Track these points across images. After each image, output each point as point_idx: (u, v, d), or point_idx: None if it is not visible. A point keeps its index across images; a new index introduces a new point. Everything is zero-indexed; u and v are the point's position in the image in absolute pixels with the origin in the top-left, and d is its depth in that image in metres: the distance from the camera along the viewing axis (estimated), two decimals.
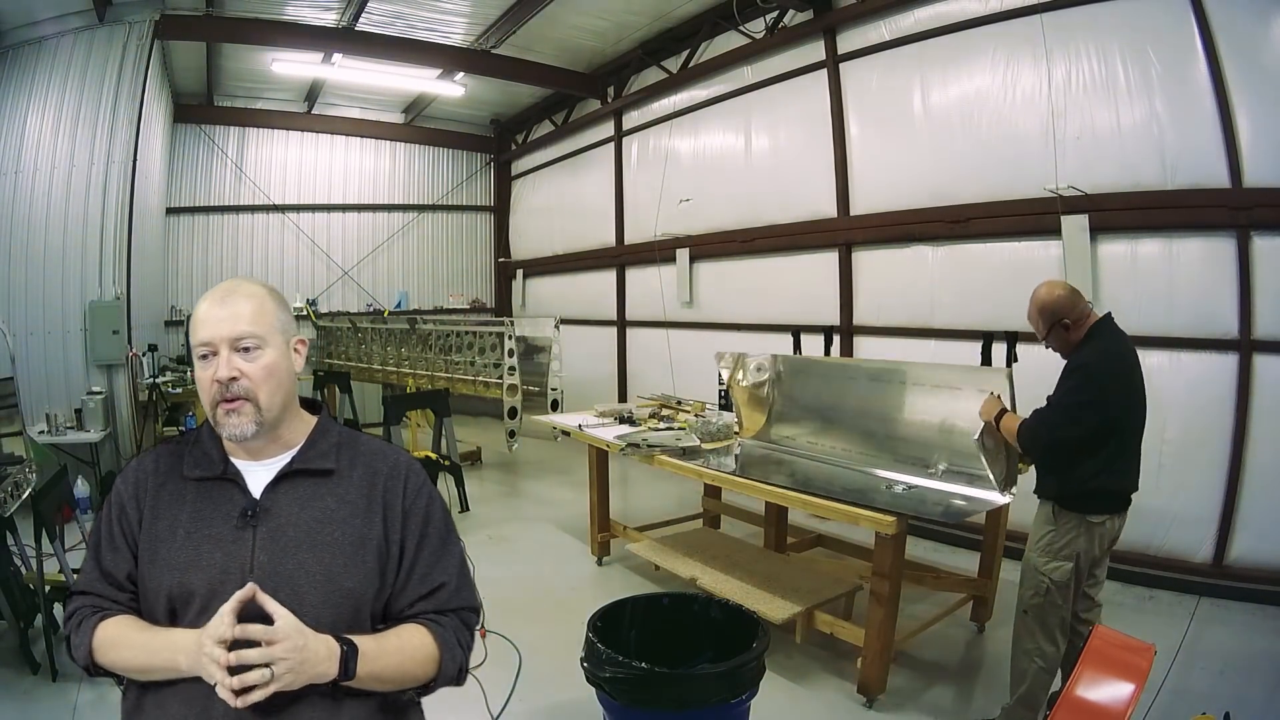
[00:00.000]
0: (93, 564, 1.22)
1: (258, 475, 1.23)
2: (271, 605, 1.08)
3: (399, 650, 1.20)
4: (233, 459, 1.24)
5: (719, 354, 4.51)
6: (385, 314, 9.59)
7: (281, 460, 1.25)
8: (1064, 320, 2.65)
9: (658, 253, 7.41)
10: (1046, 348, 2.77)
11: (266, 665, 1.04)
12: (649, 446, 3.91)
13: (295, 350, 1.28)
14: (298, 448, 1.27)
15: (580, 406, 5.49)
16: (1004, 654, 3.33)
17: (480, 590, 1.40)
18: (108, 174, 5.70)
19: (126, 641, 1.14)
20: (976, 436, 3.03)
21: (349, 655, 1.12)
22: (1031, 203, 4.42)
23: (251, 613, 1.08)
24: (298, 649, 1.07)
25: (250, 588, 1.08)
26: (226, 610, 1.06)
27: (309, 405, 1.34)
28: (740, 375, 4.26)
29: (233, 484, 1.22)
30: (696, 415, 4.76)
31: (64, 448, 5.27)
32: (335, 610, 1.17)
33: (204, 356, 1.20)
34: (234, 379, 1.18)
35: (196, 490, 1.21)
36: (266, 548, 1.17)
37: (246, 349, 1.20)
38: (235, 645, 1.05)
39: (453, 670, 1.28)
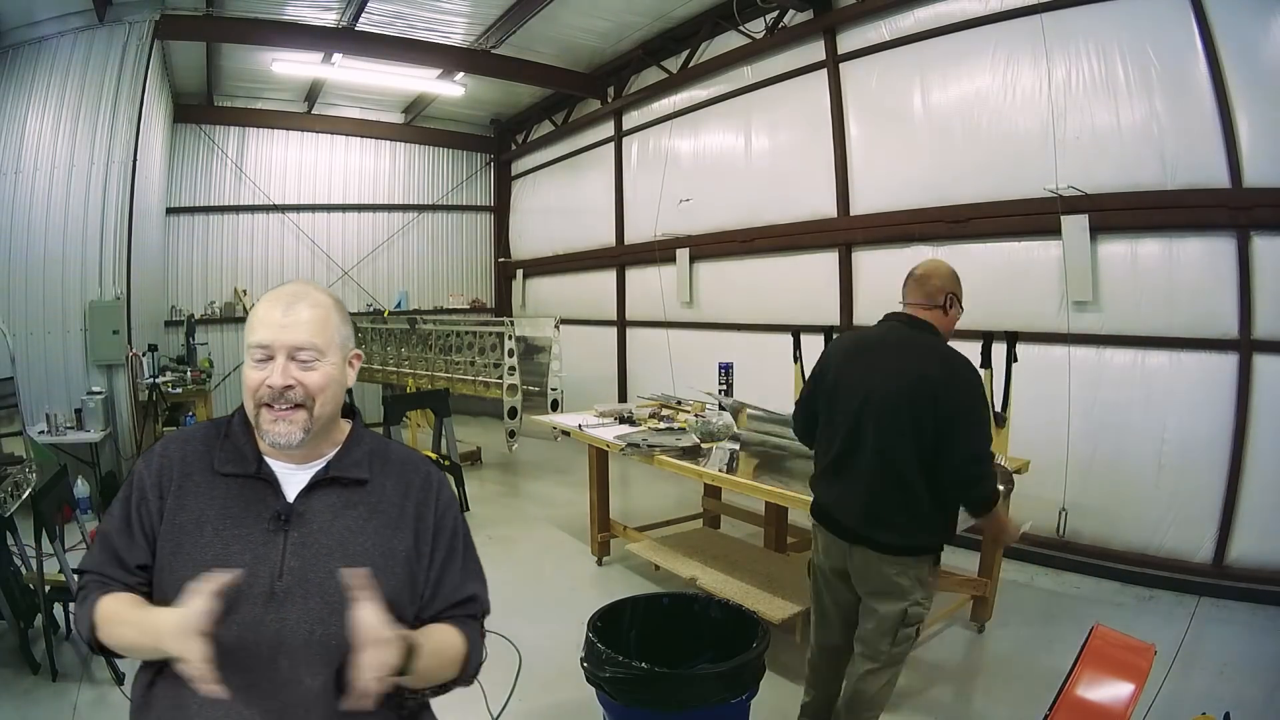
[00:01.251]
0: (103, 545, 1.20)
1: (292, 478, 1.22)
2: (362, 601, 1.07)
3: (438, 651, 1.21)
4: (267, 458, 1.23)
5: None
6: (385, 314, 9.59)
7: (316, 465, 1.24)
8: (956, 295, 2.36)
9: (658, 253, 7.41)
10: (929, 319, 2.34)
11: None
12: (649, 446, 3.91)
13: (350, 364, 1.28)
14: (332, 454, 1.26)
15: (580, 406, 5.49)
16: (1004, 654, 3.36)
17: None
18: (108, 174, 5.69)
19: (119, 618, 1.13)
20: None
21: (410, 655, 1.12)
22: (1031, 203, 4.42)
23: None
24: (392, 658, 1.06)
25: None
26: (201, 598, 1.02)
27: (342, 410, 1.34)
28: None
29: (266, 485, 1.20)
30: (696, 415, 4.75)
31: (64, 448, 5.26)
32: None
33: (260, 359, 1.18)
34: (289, 387, 1.16)
35: (227, 487, 1.20)
36: (297, 553, 1.16)
37: (305, 360, 1.18)
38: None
39: (473, 670, 1.31)
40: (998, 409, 3.16)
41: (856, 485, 2.23)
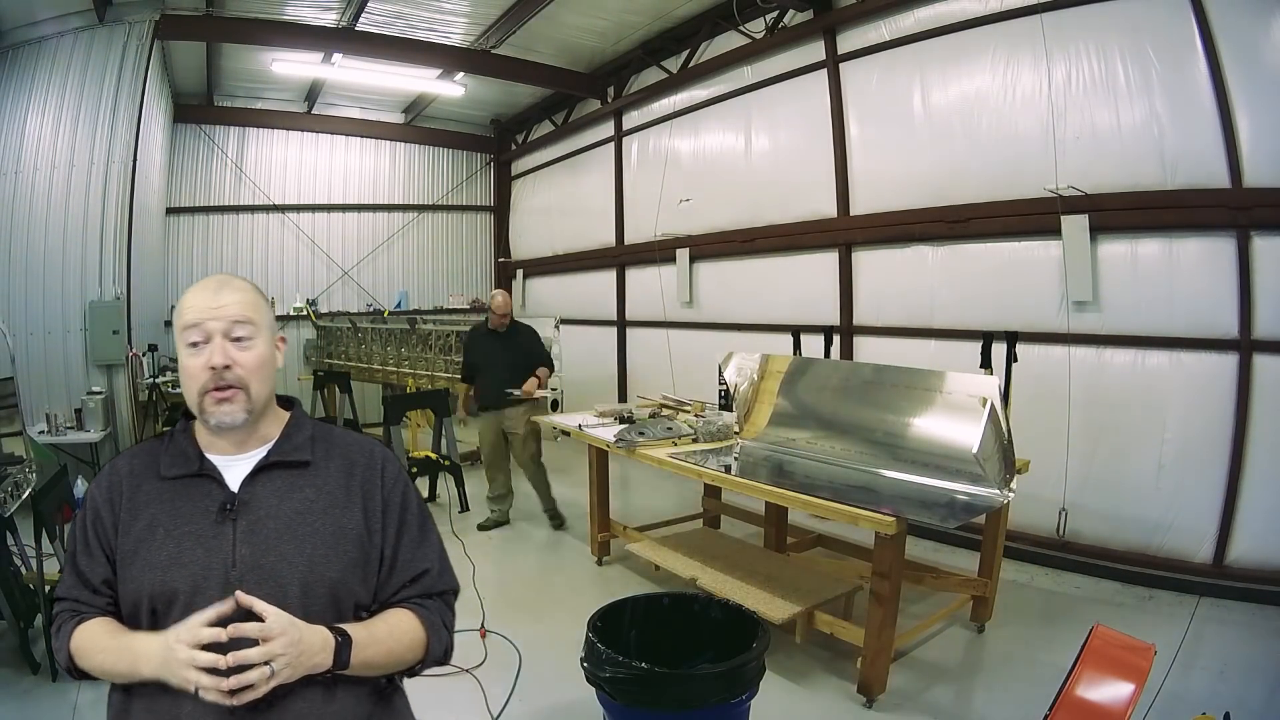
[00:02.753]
0: (70, 569, 1.22)
1: (234, 470, 1.23)
2: (260, 605, 1.08)
3: (388, 636, 1.22)
4: (208, 454, 1.24)
5: (745, 356, 4.47)
6: (385, 314, 9.59)
7: (258, 454, 1.26)
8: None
9: (658, 253, 7.41)
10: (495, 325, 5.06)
11: (266, 663, 1.05)
12: (639, 435, 3.94)
13: (277, 346, 1.30)
14: (273, 441, 1.28)
15: (580, 406, 5.49)
16: (1004, 654, 3.36)
17: (480, 590, 1.42)
18: (108, 174, 5.70)
19: (95, 646, 1.15)
20: (975, 450, 3.03)
21: (343, 645, 1.13)
22: (1031, 203, 4.42)
23: (234, 616, 1.08)
24: (294, 643, 1.08)
25: (231, 602, 1.08)
26: (199, 618, 1.06)
27: (282, 401, 1.36)
28: (757, 376, 4.27)
29: (209, 479, 1.22)
30: (697, 415, 4.75)
31: (64, 448, 5.27)
32: (319, 601, 1.17)
33: (194, 344, 1.20)
34: (227, 367, 1.19)
35: (173, 489, 1.21)
36: (247, 541, 1.17)
37: (239, 338, 1.21)
38: (229, 646, 1.05)
39: (439, 651, 1.31)
40: (998, 407, 3.16)
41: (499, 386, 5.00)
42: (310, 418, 1.37)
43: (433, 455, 5.74)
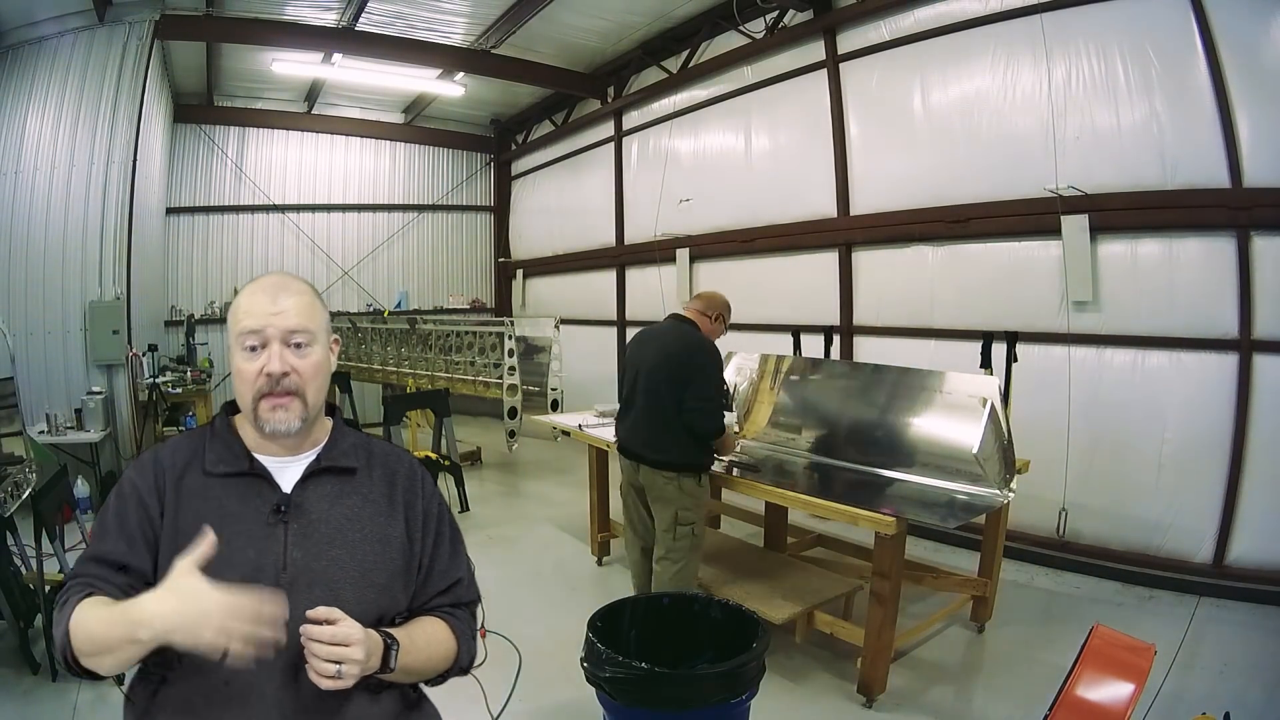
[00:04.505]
0: (97, 555, 1.14)
1: (285, 472, 1.23)
2: (340, 619, 1.09)
3: (426, 643, 1.24)
4: (256, 454, 1.23)
5: (745, 356, 4.49)
6: (385, 314, 9.59)
7: (306, 458, 1.26)
8: (724, 316, 3.45)
9: (658, 253, 7.41)
10: (695, 319, 3.34)
11: (336, 664, 1.06)
12: None
13: (330, 349, 1.30)
14: (321, 446, 1.28)
15: (580, 406, 5.49)
16: (1004, 654, 3.36)
17: (480, 590, 1.43)
18: (108, 174, 5.69)
19: (93, 615, 1.04)
20: (975, 450, 3.03)
21: (391, 649, 1.15)
22: (1031, 203, 4.41)
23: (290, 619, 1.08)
24: (371, 653, 1.10)
25: (284, 604, 1.04)
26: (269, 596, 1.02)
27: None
28: (758, 376, 4.28)
29: (261, 479, 1.21)
30: None
31: (64, 448, 5.26)
32: (368, 606, 1.18)
33: (251, 348, 1.19)
34: (285, 374, 1.18)
35: (222, 486, 1.20)
36: (300, 544, 1.17)
37: (298, 345, 1.20)
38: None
39: (466, 661, 1.34)
40: (998, 407, 3.16)
41: (636, 424, 3.29)
42: (348, 427, 1.38)
43: (433, 455, 5.74)
